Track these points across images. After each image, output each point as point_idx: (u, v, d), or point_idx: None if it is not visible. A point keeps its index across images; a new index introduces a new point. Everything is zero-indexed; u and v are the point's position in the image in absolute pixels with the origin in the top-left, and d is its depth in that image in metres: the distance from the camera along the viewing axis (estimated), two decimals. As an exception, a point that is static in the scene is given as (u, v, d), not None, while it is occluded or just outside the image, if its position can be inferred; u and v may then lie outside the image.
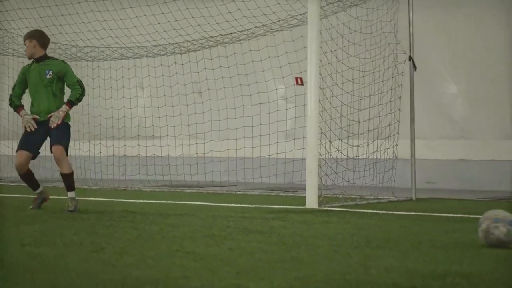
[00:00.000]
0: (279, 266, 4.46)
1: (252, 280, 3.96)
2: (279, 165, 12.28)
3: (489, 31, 12.14)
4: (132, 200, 9.87)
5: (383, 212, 8.24)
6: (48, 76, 8.06)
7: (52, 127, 7.98)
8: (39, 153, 8.31)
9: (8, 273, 4.18)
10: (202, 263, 4.57)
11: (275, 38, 12.07)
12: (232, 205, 9.14)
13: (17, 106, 8.31)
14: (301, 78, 11.57)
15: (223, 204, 9.22)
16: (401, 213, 8.20)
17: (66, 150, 8.18)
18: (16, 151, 8.22)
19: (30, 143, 8.15)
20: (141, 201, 9.80)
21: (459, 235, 6.15)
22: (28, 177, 8.37)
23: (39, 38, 8.26)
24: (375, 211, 8.29)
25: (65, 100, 8.15)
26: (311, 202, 8.67)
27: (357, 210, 8.49)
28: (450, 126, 12.49)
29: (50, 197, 8.74)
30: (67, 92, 8.21)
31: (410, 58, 10.35)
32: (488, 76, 12.17)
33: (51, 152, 8.10)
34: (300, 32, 11.14)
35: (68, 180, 8.21)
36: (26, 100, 8.36)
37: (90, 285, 3.84)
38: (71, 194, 8.21)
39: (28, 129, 8.09)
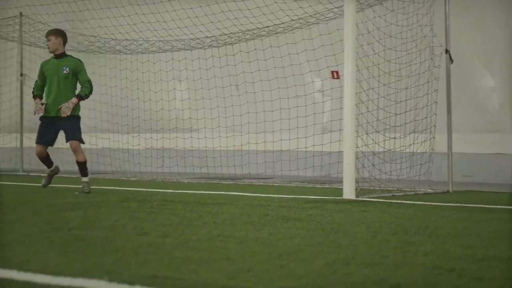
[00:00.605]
0: (319, 249, 4.56)
1: (294, 262, 4.07)
2: (316, 157, 12.35)
3: (527, 24, 12.10)
4: (171, 191, 10.02)
5: (420, 203, 8.28)
6: (64, 72, 9.17)
7: (63, 116, 9.05)
8: (52, 143, 9.55)
9: (59, 253, 4.33)
10: (243, 246, 4.68)
11: (311, 31, 12.14)
12: (270, 195, 9.24)
13: (34, 96, 9.41)
14: (337, 72, 11.65)
15: (260, 195, 9.32)
16: (438, 204, 8.23)
17: (81, 141, 9.34)
18: (35, 143, 9.50)
19: (45, 137, 9.40)
20: (180, 191, 9.94)
21: (496, 224, 6.20)
22: (45, 159, 9.65)
23: (63, 36, 9.42)
24: (412, 202, 8.33)
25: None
26: (348, 193, 8.73)
27: (394, 201, 8.54)
28: (486, 120, 12.45)
29: (94, 187, 8.91)
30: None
31: (447, 51, 10.36)
32: (525, 69, 12.14)
33: (67, 142, 9.39)
34: (336, 25, 11.19)
35: (83, 167, 9.43)
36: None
37: (137, 264, 3.97)
38: (85, 179, 9.44)
39: (35, 113, 9.31)
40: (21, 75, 14.72)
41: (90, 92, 9.23)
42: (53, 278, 3.49)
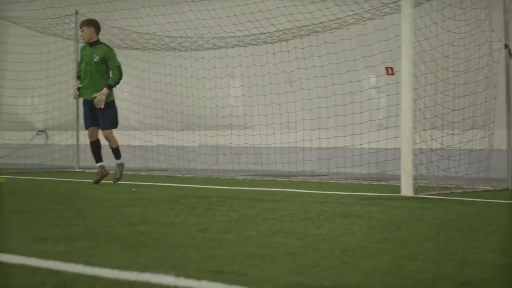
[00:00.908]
0: (383, 246, 4.49)
1: (359, 258, 4.01)
2: (371, 154, 12.24)
3: None
4: (226, 187, 10.02)
5: (480, 200, 8.13)
6: (95, 60, 9.94)
7: (97, 107, 9.84)
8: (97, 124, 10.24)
9: (123, 248, 4.34)
10: (305, 242, 4.64)
11: (366, 27, 12.02)
12: (326, 192, 9.18)
13: (77, 76, 10.37)
14: (391, 68, 11.50)
15: (316, 191, 9.26)
16: (499, 201, 8.07)
17: (115, 126, 10.18)
18: (85, 128, 10.45)
19: (91, 121, 10.21)
20: (235, 188, 9.94)
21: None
22: (96, 148, 10.31)
23: (95, 25, 10.20)
24: (472, 199, 8.18)
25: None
26: (406, 189, 8.62)
27: (454, 198, 8.41)
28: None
29: (151, 183, 8.94)
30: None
31: (506, 46, 10.14)
32: None
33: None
34: (392, 20, 11.05)
35: (115, 151, 10.37)
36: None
37: (201, 259, 3.96)
38: (118, 161, 10.37)
39: (74, 98, 10.55)
40: (77, 73, 14.88)
41: (120, 78, 9.96)
42: (120, 272, 3.49)
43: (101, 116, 10.02)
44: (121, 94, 15.76)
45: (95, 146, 10.33)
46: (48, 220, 5.67)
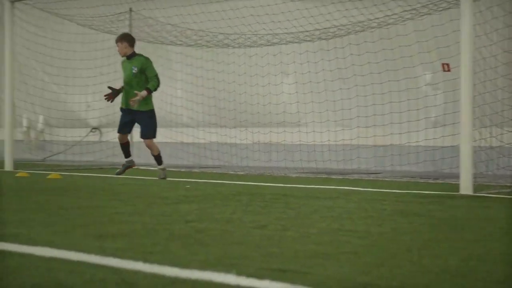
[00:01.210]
0: (449, 245, 4.35)
1: (425, 258, 3.87)
2: (427, 152, 12.01)
3: None
4: (280, 185, 9.92)
5: (543, 199, 7.89)
6: (134, 71, 10.35)
7: (130, 103, 10.20)
8: (130, 131, 10.95)
9: (181, 245, 4.27)
10: (368, 241, 4.52)
11: (423, 22, 11.80)
12: (382, 190, 9.01)
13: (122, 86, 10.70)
14: (448, 64, 11.26)
15: (372, 189, 9.10)
16: None
17: (154, 136, 10.60)
18: (117, 132, 10.84)
19: (124, 128, 10.70)
20: (290, 185, 9.83)
21: None
22: (125, 146, 10.91)
23: (128, 39, 10.61)
24: (534, 198, 7.95)
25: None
26: (466, 188, 8.41)
27: (515, 196, 8.18)
28: None
29: (205, 180, 8.88)
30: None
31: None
32: None
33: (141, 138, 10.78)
34: (449, 15, 10.83)
35: (157, 158, 10.77)
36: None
37: (262, 257, 3.86)
38: (161, 166, 10.79)
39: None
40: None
41: (158, 85, 10.37)
42: (180, 270, 3.42)
43: (142, 126, 10.53)
44: (174, 91, 15.78)
45: (125, 146, 10.95)
46: (106, 216, 5.64)
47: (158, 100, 15.81)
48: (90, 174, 12.08)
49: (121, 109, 10.68)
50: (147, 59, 10.48)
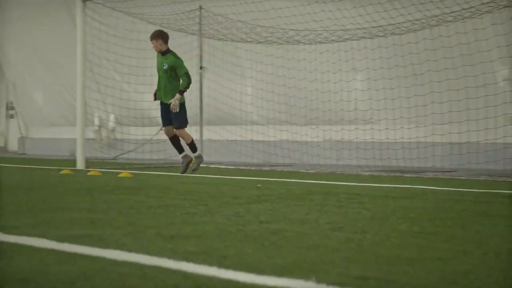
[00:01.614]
0: (540, 250, 4.07)
1: (517, 264, 3.62)
2: (506, 150, 11.60)
3: None
4: (353, 183, 9.68)
5: None
6: (165, 68, 11.03)
7: (173, 111, 10.98)
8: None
9: (256, 248, 4.10)
10: (453, 245, 4.27)
11: (501, 15, 11.40)
12: (460, 189, 8.69)
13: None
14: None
15: (449, 188, 8.79)
16: None
17: (184, 125, 11.28)
18: (162, 126, 11.56)
19: (167, 120, 11.34)
20: (363, 184, 9.59)
21: None
22: (174, 142, 11.44)
23: (162, 37, 11.17)
24: None
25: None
26: (549, 187, 8.04)
27: None
28: None
29: (276, 179, 8.70)
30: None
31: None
32: None
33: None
34: (529, 7, 10.43)
35: (191, 146, 11.39)
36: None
37: (342, 262, 3.67)
38: (195, 154, 11.45)
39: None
40: (201, 68, 14.89)
41: (189, 84, 10.98)
42: (256, 276, 3.24)
43: (173, 117, 11.18)
44: (244, 89, 15.68)
45: (174, 141, 11.41)
46: (177, 217, 5.52)
47: (228, 98, 15.75)
48: (161, 172, 12.05)
49: (160, 103, 11.36)
50: (177, 58, 11.09)
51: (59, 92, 20.72)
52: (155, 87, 11.38)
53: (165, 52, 11.15)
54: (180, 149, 11.47)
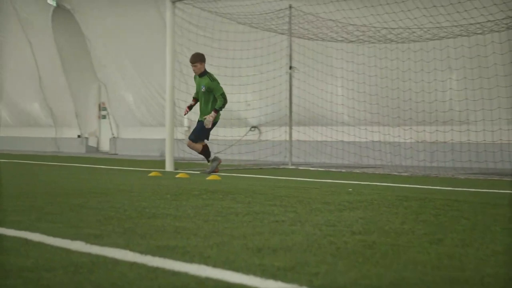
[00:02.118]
0: None
1: None
2: None
3: None
4: (450, 188, 9.25)
5: None
6: (202, 90, 11.84)
7: (207, 127, 11.78)
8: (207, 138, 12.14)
9: (349, 264, 3.81)
10: None
11: None
12: None
13: (194, 98, 12.21)
14: None
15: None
16: None
17: (196, 141, 11.97)
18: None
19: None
20: (460, 189, 9.14)
21: None
22: (204, 151, 12.09)
23: (202, 59, 11.92)
24: None
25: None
26: None
27: None
28: None
29: (367, 183, 8.38)
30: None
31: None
32: None
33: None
34: None
35: (203, 154, 12.12)
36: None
37: (442, 283, 3.34)
38: (210, 158, 12.13)
39: (183, 114, 12.43)
40: (290, 68, 14.64)
41: (224, 104, 11.78)
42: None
43: (195, 129, 11.97)
44: (334, 89, 15.35)
45: (204, 150, 12.08)
46: (265, 225, 5.27)
47: (318, 98, 15.45)
48: (249, 175, 11.87)
49: (198, 120, 12.09)
50: (212, 80, 11.80)
51: (150, 93, 20.84)
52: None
53: (202, 74, 11.90)
54: (208, 155, 12.16)
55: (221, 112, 11.90)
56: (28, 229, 4.85)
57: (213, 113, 11.69)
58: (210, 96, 11.79)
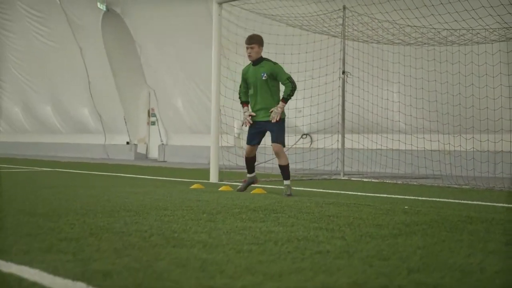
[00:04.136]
0: None
1: None
2: None
3: None
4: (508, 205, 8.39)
5: None
6: (263, 78, 9.47)
7: (273, 122, 9.38)
8: (260, 143, 9.81)
9: None
10: None
11: None
12: None
13: (242, 102, 9.83)
14: None
15: None
16: None
17: (283, 145, 9.47)
18: (246, 144, 9.80)
19: (253, 139, 9.70)
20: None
21: None
22: (250, 161, 9.94)
23: (261, 42, 9.67)
24: None
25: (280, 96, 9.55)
26: None
27: None
28: None
29: (426, 199, 7.58)
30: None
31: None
32: None
33: (271, 144, 9.52)
34: None
35: (285, 170, 9.56)
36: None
37: None
38: (287, 182, 9.56)
39: (244, 125, 9.70)
40: (343, 72, 13.86)
41: (293, 90, 9.35)
42: None
43: (273, 131, 9.49)
44: (390, 95, 14.51)
45: (250, 160, 9.99)
46: (306, 258, 4.51)
47: (372, 105, 14.63)
48: (298, 188, 11.12)
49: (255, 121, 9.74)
50: (275, 63, 9.61)
51: (199, 99, 20.29)
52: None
53: (258, 61, 9.64)
54: (251, 169, 10.07)
55: None
56: (30, 263, 4.18)
57: (281, 104, 9.41)
58: (273, 85, 9.51)
